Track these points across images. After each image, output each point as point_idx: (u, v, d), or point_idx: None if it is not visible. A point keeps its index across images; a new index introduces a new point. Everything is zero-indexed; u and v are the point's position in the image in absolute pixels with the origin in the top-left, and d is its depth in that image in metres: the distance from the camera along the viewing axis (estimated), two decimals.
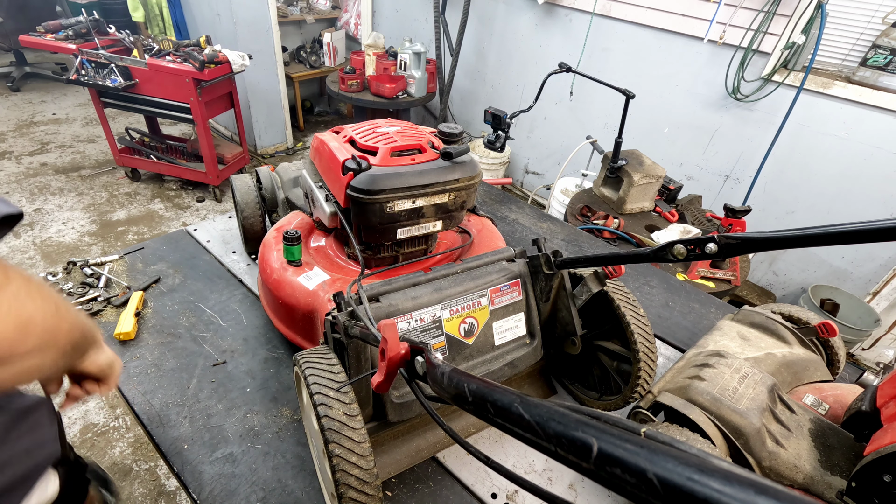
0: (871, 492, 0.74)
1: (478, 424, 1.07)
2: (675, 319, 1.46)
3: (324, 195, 1.13)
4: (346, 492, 0.69)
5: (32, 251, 3.00)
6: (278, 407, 1.09)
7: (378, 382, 0.56)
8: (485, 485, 0.97)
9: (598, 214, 2.27)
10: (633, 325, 0.96)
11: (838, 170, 2.56)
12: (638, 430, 0.32)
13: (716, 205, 3.07)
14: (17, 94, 5.03)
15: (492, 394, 0.38)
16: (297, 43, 4.88)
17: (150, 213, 3.50)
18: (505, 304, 1.03)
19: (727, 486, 0.22)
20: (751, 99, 2.70)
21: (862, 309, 2.63)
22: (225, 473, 0.94)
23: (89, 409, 2.15)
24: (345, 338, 0.81)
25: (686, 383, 0.93)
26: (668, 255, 0.71)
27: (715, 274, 2.00)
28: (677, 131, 3.09)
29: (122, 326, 1.19)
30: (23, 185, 3.61)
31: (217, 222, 1.68)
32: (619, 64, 3.18)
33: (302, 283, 1.11)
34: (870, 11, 2.41)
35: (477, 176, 1.09)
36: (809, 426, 0.91)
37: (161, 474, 1.96)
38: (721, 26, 2.65)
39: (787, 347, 1.09)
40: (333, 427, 0.69)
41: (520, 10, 3.52)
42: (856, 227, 0.52)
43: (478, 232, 1.33)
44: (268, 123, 4.30)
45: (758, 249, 0.61)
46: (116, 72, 2.97)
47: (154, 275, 1.40)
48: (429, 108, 4.63)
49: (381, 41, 3.71)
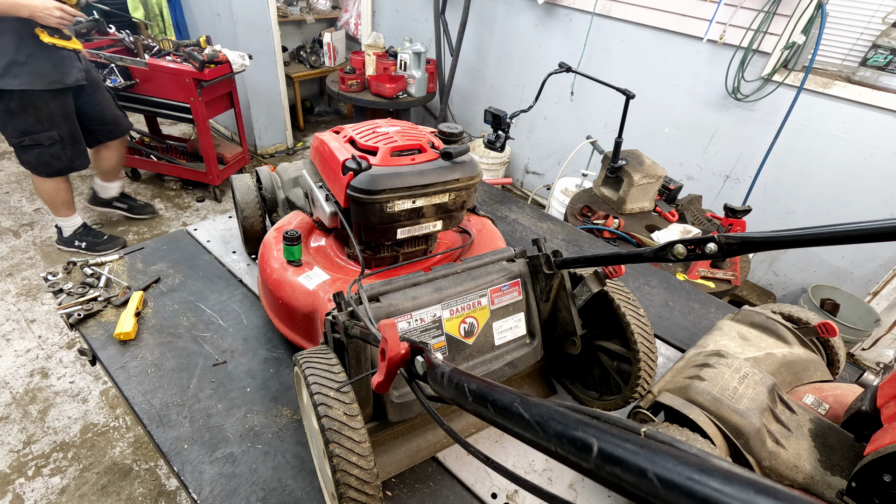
0: (871, 492, 0.74)
1: (478, 424, 1.07)
2: (675, 319, 1.46)
3: (324, 195, 1.13)
4: (346, 492, 0.69)
5: (32, 251, 3.00)
6: (278, 407, 1.09)
7: (378, 382, 0.56)
8: (485, 485, 0.97)
9: (598, 214, 2.27)
10: (633, 325, 0.96)
11: (838, 170, 2.56)
12: (638, 430, 0.32)
13: (716, 205, 3.07)
14: None
15: (492, 394, 0.38)
16: (297, 43, 4.88)
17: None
18: (505, 304, 1.03)
19: (727, 486, 0.22)
20: (751, 99, 2.70)
21: (862, 309, 2.63)
22: (225, 473, 0.94)
23: (89, 410, 2.15)
24: (345, 338, 0.81)
25: (686, 383, 0.93)
26: (668, 255, 0.71)
27: (715, 274, 2.00)
28: (677, 131, 3.09)
29: (122, 326, 1.19)
30: (23, 184, 3.61)
31: (217, 222, 1.68)
32: (619, 64, 3.18)
33: (302, 283, 1.11)
34: (870, 11, 2.41)
35: (477, 176, 1.09)
36: (809, 426, 0.91)
37: (161, 474, 1.96)
38: (721, 26, 2.65)
39: (787, 347, 1.09)
40: (333, 427, 0.69)
41: (520, 10, 3.52)
42: (856, 228, 0.52)
43: (478, 232, 1.33)
44: (268, 123, 4.30)
45: (758, 249, 0.61)
46: (116, 72, 2.97)
47: (154, 275, 1.40)
48: (429, 108, 4.63)
49: (381, 41, 3.71)
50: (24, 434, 2.04)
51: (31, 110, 2.26)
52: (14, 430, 2.05)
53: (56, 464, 1.95)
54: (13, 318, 2.54)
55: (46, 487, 1.87)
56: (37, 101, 2.24)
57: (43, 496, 1.84)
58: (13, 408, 2.13)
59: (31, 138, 2.33)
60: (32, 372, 2.28)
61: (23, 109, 2.24)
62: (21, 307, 2.62)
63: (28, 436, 2.03)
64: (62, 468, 1.94)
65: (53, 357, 2.36)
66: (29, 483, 1.88)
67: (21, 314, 2.57)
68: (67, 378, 2.27)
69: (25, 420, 2.09)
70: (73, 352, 2.40)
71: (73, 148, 2.52)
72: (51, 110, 2.33)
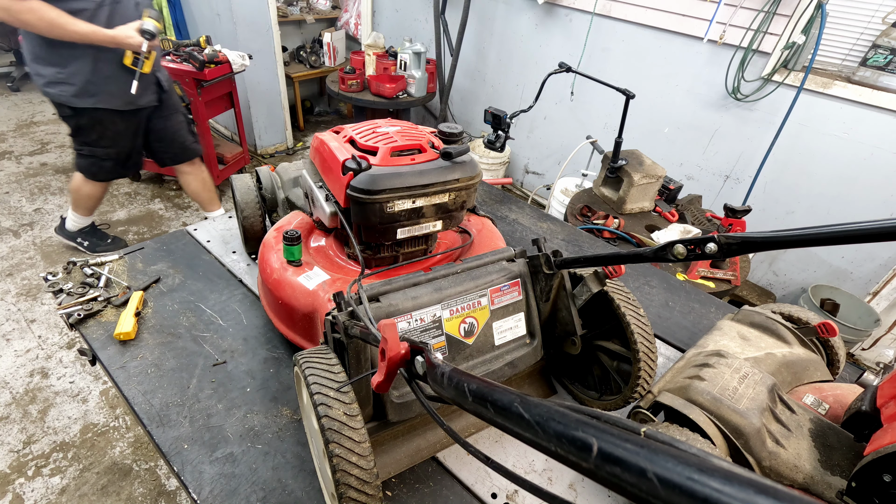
0: (871, 492, 0.74)
1: (478, 424, 1.07)
2: (675, 319, 1.46)
3: (324, 195, 1.13)
4: (346, 492, 0.69)
5: (32, 251, 3.00)
6: (278, 407, 1.09)
7: (378, 382, 0.56)
8: (485, 485, 0.97)
9: (598, 214, 2.27)
10: (633, 325, 0.96)
11: (838, 170, 2.56)
12: (638, 430, 0.32)
13: (716, 205, 3.07)
14: (17, 94, 5.04)
15: (492, 394, 0.38)
16: (297, 43, 4.88)
17: (150, 213, 3.50)
18: (505, 304, 1.03)
19: (727, 486, 0.22)
20: (751, 99, 2.70)
21: (862, 309, 2.63)
22: (225, 473, 0.94)
23: (89, 410, 2.15)
24: (345, 338, 0.81)
25: (686, 383, 0.93)
26: (668, 255, 0.71)
27: (715, 274, 2.00)
28: (677, 131, 3.09)
29: (122, 326, 1.19)
30: (23, 185, 3.61)
31: (217, 222, 1.68)
32: (619, 64, 3.18)
33: (302, 283, 1.11)
34: (870, 11, 2.41)
35: (477, 176, 1.09)
36: (809, 426, 0.91)
37: (161, 474, 1.96)
38: (721, 26, 2.65)
39: (787, 347, 1.09)
40: (333, 427, 0.69)
41: (520, 10, 3.52)
42: (855, 228, 0.52)
43: (478, 232, 1.33)
44: (268, 123, 4.30)
45: (758, 249, 0.61)
46: None
47: (154, 275, 1.40)
48: (429, 108, 4.63)
49: (381, 41, 3.71)
50: (24, 434, 2.04)
51: (98, 128, 2.36)
52: (14, 430, 2.05)
53: (56, 464, 1.95)
54: (13, 318, 2.54)
55: (46, 487, 1.87)
56: (105, 120, 2.34)
57: (43, 496, 1.84)
58: (13, 408, 2.13)
59: (90, 150, 2.44)
60: (32, 372, 2.28)
61: (91, 126, 2.35)
62: (21, 307, 2.62)
63: (28, 436, 2.04)
64: (62, 468, 1.94)
65: (53, 357, 2.37)
66: (29, 483, 1.88)
67: (21, 314, 2.58)
68: (67, 378, 2.27)
69: (25, 420, 2.09)
70: (73, 352, 2.40)
71: (126, 163, 2.60)
72: (117, 130, 2.42)
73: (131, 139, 2.51)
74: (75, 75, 2.16)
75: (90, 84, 2.19)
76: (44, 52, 2.12)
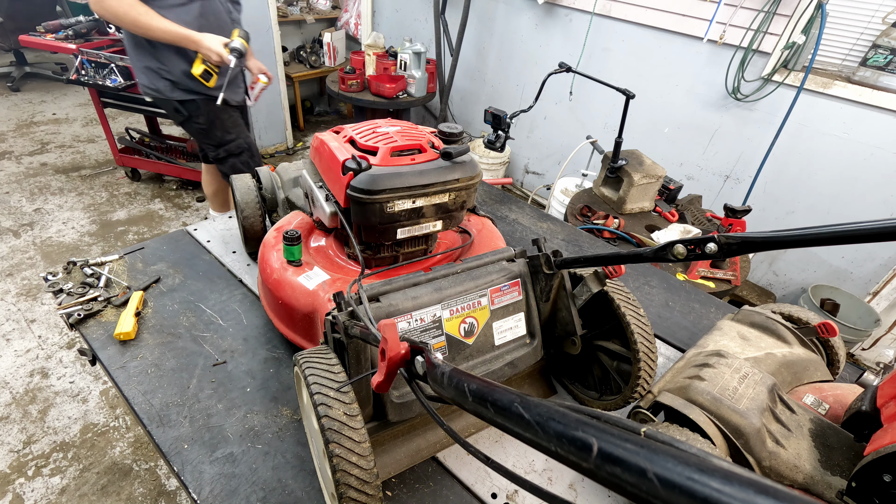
0: (871, 492, 0.74)
1: (478, 424, 1.07)
2: (675, 319, 1.46)
3: (324, 195, 1.13)
4: (346, 492, 0.69)
5: (32, 251, 3.01)
6: (278, 407, 1.09)
7: (378, 382, 0.56)
8: (485, 485, 0.97)
9: (598, 214, 2.27)
10: (633, 325, 0.96)
11: (838, 170, 2.56)
12: (638, 430, 0.32)
13: (716, 205, 3.07)
14: (17, 94, 5.04)
15: (492, 394, 0.38)
16: (297, 43, 4.88)
17: (150, 213, 3.50)
18: (505, 304, 1.03)
19: (727, 486, 0.22)
20: (751, 99, 2.70)
21: (862, 309, 2.63)
22: (225, 473, 0.94)
23: (89, 410, 2.15)
24: (345, 338, 0.81)
25: (686, 383, 0.93)
26: (668, 255, 0.71)
27: (715, 274, 2.00)
28: (677, 131, 3.09)
29: (122, 326, 1.19)
30: (23, 185, 3.61)
31: (217, 222, 1.68)
32: (619, 64, 3.18)
33: (302, 283, 1.11)
34: (870, 11, 2.41)
35: (477, 176, 1.09)
36: (809, 426, 0.91)
37: (161, 474, 1.96)
38: (721, 26, 2.65)
39: (787, 347, 1.09)
40: (333, 427, 0.69)
41: (520, 10, 3.52)
42: (855, 228, 0.52)
43: (478, 232, 1.33)
44: (268, 123, 4.30)
45: (758, 249, 0.61)
46: (116, 71, 2.97)
47: (154, 275, 1.40)
48: (429, 108, 4.63)
49: (381, 41, 3.71)
50: (24, 434, 2.04)
51: (218, 122, 2.31)
52: (14, 430, 2.05)
53: (56, 464, 1.95)
54: (13, 318, 2.54)
55: (46, 487, 1.87)
56: (219, 111, 2.28)
57: (43, 496, 1.84)
58: (13, 408, 2.13)
59: (226, 150, 2.39)
60: (32, 372, 2.28)
61: (210, 122, 2.30)
62: (21, 307, 2.62)
63: (28, 436, 2.04)
64: (62, 468, 1.94)
65: (53, 357, 2.37)
66: (29, 483, 1.88)
67: (21, 314, 2.58)
68: (67, 378, 2.27)
69: (25, 420, 2.09)
70: (73, 352, 2.40)
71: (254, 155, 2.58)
72: (234, 119, 2.37)
73: (246, 129, 2.48)
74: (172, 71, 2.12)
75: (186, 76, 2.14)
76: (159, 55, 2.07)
